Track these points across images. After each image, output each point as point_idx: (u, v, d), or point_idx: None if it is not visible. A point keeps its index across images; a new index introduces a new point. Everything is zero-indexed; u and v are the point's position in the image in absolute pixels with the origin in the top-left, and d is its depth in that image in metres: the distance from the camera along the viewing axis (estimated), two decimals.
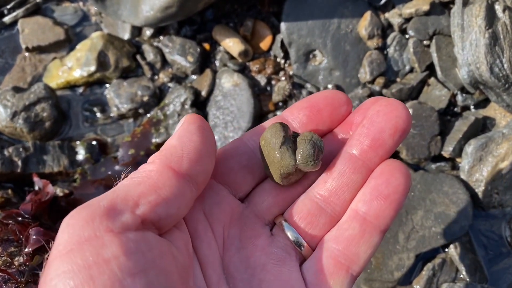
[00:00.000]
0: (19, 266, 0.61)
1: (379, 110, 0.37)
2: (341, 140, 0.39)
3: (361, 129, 0.37)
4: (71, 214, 0.31)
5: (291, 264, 0.37)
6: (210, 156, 0.35)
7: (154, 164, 0.33)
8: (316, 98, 0.40)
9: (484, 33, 0.72)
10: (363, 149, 0.37)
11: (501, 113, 0.81)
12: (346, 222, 0.37)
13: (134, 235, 0.30)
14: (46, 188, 0.67)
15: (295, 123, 0.40)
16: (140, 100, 0.80)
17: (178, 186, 0.32)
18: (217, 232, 0.37)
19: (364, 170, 0.37)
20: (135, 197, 0.31)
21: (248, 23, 0.83)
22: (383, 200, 0.36)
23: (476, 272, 0.73)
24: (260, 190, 0.40)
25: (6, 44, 0.87)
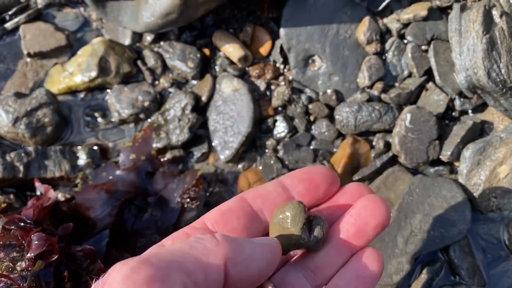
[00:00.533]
0: (21, 272, 0.62)
1: (366, 205, 0.44)
2: (327, 216, 0.46)
3: (349, 218, 0.44)
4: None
5: None
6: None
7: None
8: (315, 172, 0.46)
9: (481, 38, 0.73)
10: (349, 236, 0.44)
11: (499, 117, 0.81)
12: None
13: None
14: (47, 193, 0.67)
15: (294, 192, 0.46)
16: (141, 105, 0.81)
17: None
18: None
19: (346, 254, 0.44)
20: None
21: (247, 29, 0.84)
22: (359, 282, 0.43)
23: (475, 275, 0.74)
24: None
25: (8, 49, 0.88)
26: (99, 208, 0.71)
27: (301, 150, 0.79)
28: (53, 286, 0.60)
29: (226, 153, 0.78)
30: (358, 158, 0.78)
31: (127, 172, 0.75)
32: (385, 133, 0.80)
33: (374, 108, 0.78)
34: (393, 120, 0.78)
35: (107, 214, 0.71)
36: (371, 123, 0.78)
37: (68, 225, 0.67)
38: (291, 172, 0.48)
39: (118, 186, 0.74)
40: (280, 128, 0.81)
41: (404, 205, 0.73)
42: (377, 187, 0.76)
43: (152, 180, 0.76)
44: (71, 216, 0.69)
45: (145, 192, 0.75)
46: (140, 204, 0.75)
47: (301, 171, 0.47)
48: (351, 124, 0.78)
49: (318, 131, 0.81)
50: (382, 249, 0.71)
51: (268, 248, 0.39)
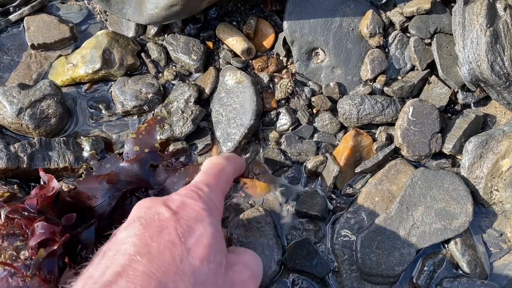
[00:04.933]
0: (25, 260, 0.62)
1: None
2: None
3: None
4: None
5: None
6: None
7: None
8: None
9: (485, 31, 0.73)
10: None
11: (502, 110, 0.82)
12: None
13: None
14: (51, 183, 0.68)
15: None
16: (145, 97, 0.81)
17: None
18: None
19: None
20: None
21: (251, 21, 0.84)
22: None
23: (477, 268, 0.74)
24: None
25: (12, 41, 0.88)
26: (100, 198, 0.71)
27: (303, 142, 0.79)
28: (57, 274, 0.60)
29: (229, 145, 0.79)
30: (361, 151, 0.78)
31: (130, 164, 0.75)
32: (388, 126, 0.80)
33: (376, 101, 0.78)
34: (396, 113, 0.78)
35: (108, 204, 0.71)
36: (373, 116, 0.78)
37: (72, 215, 0.67)
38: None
39: (121, 177, 0.74)
40: (283, 120, 0.81)
41: (406, 198, 0.74)
42: (379, 180, 0.77)
43: (155, 173, 0.76)
44: (73, 205, 0.69)
45: (147, 184, 0.75)
46: (141, 196, 0.75)
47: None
48: (353, 116, 0.78)
49: (320, 124, 0.81)
50: (384, 241, 0.72)
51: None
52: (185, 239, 0.46)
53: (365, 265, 0.71)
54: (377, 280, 0.72)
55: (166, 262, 0.43)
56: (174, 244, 0.45)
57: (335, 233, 0.75)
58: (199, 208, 0.51)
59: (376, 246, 0.72)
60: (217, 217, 0.53)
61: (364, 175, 0.79)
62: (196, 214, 0.50)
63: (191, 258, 0.45)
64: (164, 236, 0.46)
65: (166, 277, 0.42)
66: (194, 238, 0.47)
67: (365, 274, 0.72)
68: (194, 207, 0.51)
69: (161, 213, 0.49)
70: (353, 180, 0.79)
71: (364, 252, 0.72)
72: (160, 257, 0.43)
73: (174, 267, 0.43)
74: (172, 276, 0.42)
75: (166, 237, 0.46)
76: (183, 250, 0.45)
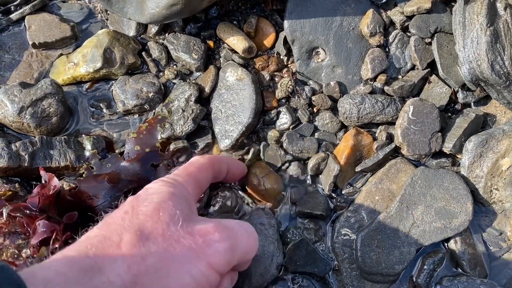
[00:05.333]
0: (26, 258, 0.63)
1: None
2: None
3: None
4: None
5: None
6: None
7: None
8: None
9: (485, 30, 0.73)
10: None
11: (502, 110, 0.82)
12: None
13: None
14: (51, 181, 0.68)
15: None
16: (146, 96, 0.82)
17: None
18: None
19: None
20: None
21: (251, 20, 0.84)
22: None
23: (476, 266, 0.74)
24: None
25: (13, 40, 0.88)
26: (101, 198, 0.71)
27: (305, 139, 0.79)
28: None
29: (226, 142, 0.79)
30: (361, 150, 0.79)
31: (131, 163, 0.76)
32: (388, 125, 0.81)
33: (377, 100, 0.78)
34: (396, 112, 0.78)
35: (109, 204, 0.71)
36: (374, 115, 0.78)
37: (73, 214, 0.67)
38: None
39: (122, 177, 0.75)
40: (284, 119, 0.81)
41: (406, 196, 0.74)
42: (380, 179, 0.77)
43: (156, 172, 0.76)
44: (74, 204, 0.69)
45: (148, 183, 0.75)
46: None
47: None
48: (354, 115, 0.78)
49: (321, 123, 0.81)
50: (384, 240, 0.72)
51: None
52: (136, 207, 0.51)
53: (365, 263, 0.72)
54: (377, 279, 0.72)
55: (116, 224, 0.48)
56: (126, 212, 0.50)
57: (335, 232, 0.75)
58: (158, 186, 0.55)
59: (376, 245, 0.72)
60: (180, 190, 0.56)
61: (365, 174, 0.79)
62: (154, 190, 0.54)
63: (140, 216, 0.49)
64: (120, 210, 0.51)
65: (111, 233, 0.47)
66: (146, 203, 0.51)
67: (365, 272, 0.72)
68: (154, 186, 0.55)
69: (126, 200, 0.54)
70: (353, 179, 0.79)
71: (364, 251, 0.72)
72: (111, 224, 0.49)
73: (121, 225, 0.48)
74: (117, 231, 0.47)
75: (121, 210, 0.51)
76: (133, 213, 0.50)
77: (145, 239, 0.47)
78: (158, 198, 0.52)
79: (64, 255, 0.44)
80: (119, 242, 0.46)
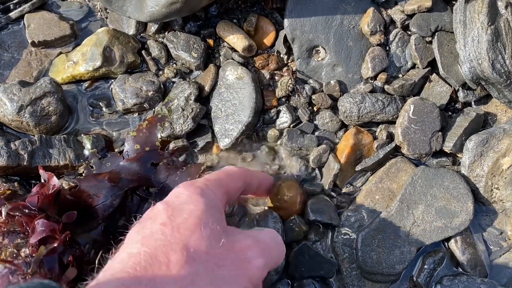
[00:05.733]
0: (25, 258, 0.62)
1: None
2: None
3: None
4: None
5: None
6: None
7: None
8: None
9: (486, 29, 0.73)
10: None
11: (503, 109, 0.81)
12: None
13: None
14: (51, 181, 0.68)
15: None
16: (145, 95, 0.81)
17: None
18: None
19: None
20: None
21: (251, 19, 0.84)
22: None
23: (477, 266, 0.74)
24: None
25: (12, 38, 0.88)
26: (102, 197, 0.71)
27: (305, 137, 0.79)
28: (58, 272, 0.61)
29: (226, 141, 0.78)
30: (361, 149, 0.78)
31: (130, 162, 0.75)
32: (388, 124, 0.80)
33: (377, 99, 0.78)
34: (396, 111, 0.78)
35: (110, 203, 0.71)
36: (374, 114, 0.78)
37: (73, 213, 0.67)
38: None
39: (122, 176, 0.74)
40: (284, 118, 0.81)
41: (406, 196, 0.74)
42: (380, 178, 0.77)
43: (156, 171, 0.76)
44: (74, 203, 0.69)
45: (149, 183, 0.75)
46: (142, 194, 0.75)
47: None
48: (354, 114, 0.78)
49: (321, 122, 0.81)
50: (385, 240, 0.72)
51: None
52: (174, 218, 0.50)
53: (366, 263, 0.71)
54: (377, 279, 0.72)
55: (158, 240, 0.47)
56: (164, 224, 0.49)
57: (335, 231, 0.75)
58: (190, 193, 0.54)
59: (377, 245, 0.72)
60: (212, 199, 0.55)
61: (365, 173, 0.79)
62: (187, 197, 0.53)
63: (181, 230, 0.49)
64: (156, 220, 0.50)
65: (156, 251, 0.46)
66: (185, 214, 0.50)
67: (365, 272, 0.72)
68: (185, 192, 0.54)
69: (156, 207, 0.53)
70: (353, 178, 0.79)
71: (365, 251, 0.72)
72: (151, 238, 0.48)
73: (164, 241, 0.47)
74: (162, 249, 0.46)
75: (157, 221, 0.50)
76: (173, 226, 0.49)
77: (192, 260, 0.47)
78: (196, 210, 0.51)
79: (116, 278, 0.44)
80: (167, 263, 0.45)
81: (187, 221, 0.50)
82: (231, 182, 0.62)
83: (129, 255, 0.46)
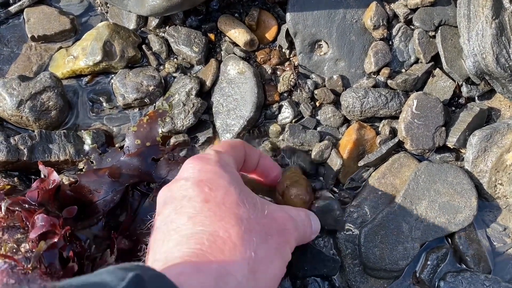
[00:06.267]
0: (25, 253, 0.62)
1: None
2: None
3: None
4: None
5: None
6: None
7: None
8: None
9: (490, 23, 0.72)
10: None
11: (506, 104, 0.81)
12: None
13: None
14: (50, 176, 0.67)
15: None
16: (146, 90, 0.81)
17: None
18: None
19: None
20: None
21: (253, 13, 0.83)
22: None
23: (480, 262, 0.74)
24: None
25: (12, 33, 0.87)
26: (102, 192, 0.71)
27: (307, 132, 0.78)
28: (58, 267, 0.60)
29: (227, 136, 0.78)
30: (364, 144, 0.78)
31: (131, 158, 0.75)
32: (391, 119, 0.80)
33: (380, 94, 0.77)
34: (400, 106, 0.77)
35: (111, 198, 0.71)
36: (377, 109, 0.77)
37: (73, 208, 0.67)
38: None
39: (122, 171, 0.74)
40: (286, 113, 0.80)
41: (410, 191, 0.73)
42: (383, 173, 0.76)
43: (157, 166, 0.75)
44: (74, 199, 0.69)
45: (150, 178, 0.75)
46: (143, 190, 0.75)
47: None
48: (357, 109, 0.77)
49: (323, 117, 0.81)
50: (388, 235, 0.71)
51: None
52: (214, 193, 0.50)
53: (369, 259, 0.71)
54: (380, 275, 0.72)
55: (209, 217, 0.48)
56: (207, 201, 0.49)
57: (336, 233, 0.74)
58: (212, 167, 0.54)
59: (380, 241, 0.71)
60: (233, 171, 0.56)
61: (367, 168, 0.78)
62: (213, 173, 0.53)
63: (227, 204, 0.49)
64: (195, 200, 0.50)
65: (215, 227, 0.47)
66: (221, 189, 0.51)
67: (368, 268, 0.71)
68: (207, 167, 0.54)
69: (180, 184, 0.52)
70: (356, 174, 0.78)
71: (368, 247, 0.71)
72: (200, 216, 0.48)
73: (217, 217, 0.48)
74: (218, 224, 0.47)
75: (197, 200, 0.49)
76: (217, 202, 0.49)
77: (249, 231, 0.48)
78: (229, 184, 0.52)
79: (186, 261, 0.44)
80: (229, 237, 0.46)
81: (228, 195, 0.50)
82: (237, 152, 0.62)
83: (186, 237, 0.46)
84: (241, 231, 0.47)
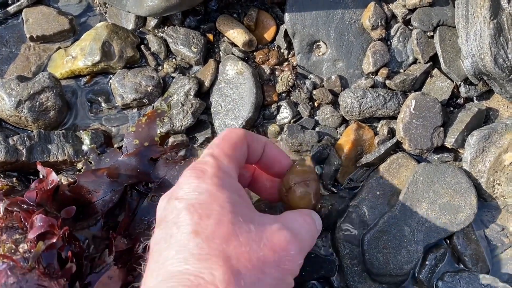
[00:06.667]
0: (24, 253, 0.62)
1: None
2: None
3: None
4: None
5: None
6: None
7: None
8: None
9: (488, 23, 0.72)
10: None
11: (505, 104, 0.81)
12: None
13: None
14: (49, 176, 0.67)
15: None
16: (144, 90, 0.81)
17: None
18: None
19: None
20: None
21: (252, 13, 0.83)
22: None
23: (478, 262, 0.74)
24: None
25: (10, 33, 0.87)
26: (101, 193, 0.71)
27: (305, 132, 0.78)
28: (56, 268, 0.60)
29: None
30: (362, 144, 0.78)
31: (129, 158, 0.75)
32: (390, 119, 0.80)
33: (378, 94, 0.77)
34: (398, 106, 0.78)
35: (109, 199, 0.71)
36: (375, 109, 0.78)
37: (71, 208, 0.67)
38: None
39: (121, 171, 0.74)
40: (284, 114, 0.80)
41: (409, 194, 0.73)
42: (381, 174, 0.76)
43: (155, 166, 0.75)
44: (73, 199, 0.69)
45: (148, 178, 0.75)
46: (141, 190, 0.75)
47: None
48: (355, 110, 0.77)
49: (322, 117, 0.81)
50: (390, 240, 0.71)
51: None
52: (204, 224, 0.46)
53: (373, 265, 0.71)
54: (386, 280, 0.71)
55: (196, 255, 0.44)
56: (196, 233, 0.45)
57: (336, 227, 0.74)
58: (208, 186, 0.49)
59: (383, 246, 0.71)
60: (232, 184, 0.52)
61: (366, 169, 0.78)
62: (207, 195, 0.49)
63: (217, 240, 0.45)
64: (184, 229, 0.46)
65: (200, 267, 0.43)
66: (212, 219, 0.47)
67: (373, 274, 0.71)
68: (203, 186, 0.49)
69: (173, 207, 0.49)
70: (354, 174, 0.78)
71: (371, 253, 0.71)
72: (187, 252, 0.45)
73: (204, 256, 0.44)
74: (205, 264, 0.43)
75: (186, 230, 0.46)
76: (207, 236, 0.45)
77: (237, 273, 0.44)
78: (224, 211, 0.47)
79: None
80: (213, 280, 0.42)
81: (220, 227, 0.46)
82: (239, 151, 0.56)
83: (169, 273, 0.43)
84: (227, 274, 0.43)
